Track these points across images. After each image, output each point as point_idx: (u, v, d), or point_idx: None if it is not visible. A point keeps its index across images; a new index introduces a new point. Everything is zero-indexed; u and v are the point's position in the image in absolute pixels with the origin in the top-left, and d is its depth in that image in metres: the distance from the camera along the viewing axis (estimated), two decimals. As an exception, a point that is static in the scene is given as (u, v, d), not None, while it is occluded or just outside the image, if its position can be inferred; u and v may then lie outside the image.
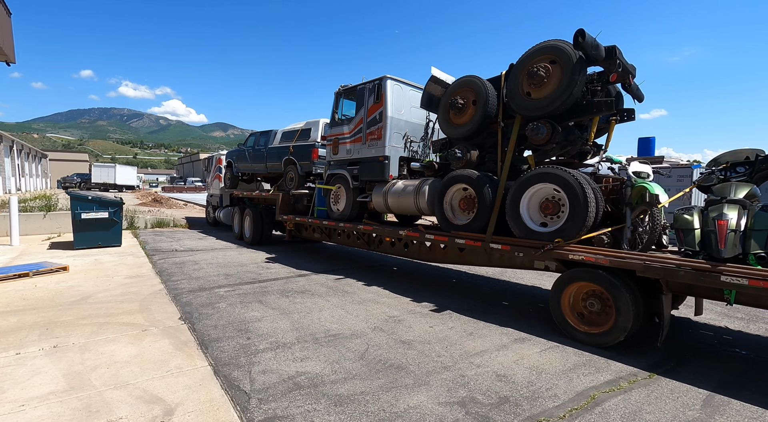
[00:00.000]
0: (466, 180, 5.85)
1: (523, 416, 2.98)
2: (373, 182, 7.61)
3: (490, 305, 5.91)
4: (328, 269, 8.19)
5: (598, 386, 3.48)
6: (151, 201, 25.72)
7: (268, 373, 3.54)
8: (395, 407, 3.06)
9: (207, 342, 4.20)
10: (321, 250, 11.06)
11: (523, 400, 3.20)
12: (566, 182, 4.73)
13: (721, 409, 3.15)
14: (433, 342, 4.35)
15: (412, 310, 5.52)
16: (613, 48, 4.98)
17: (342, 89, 8.22)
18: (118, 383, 3.31)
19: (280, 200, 10.23)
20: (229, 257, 9.26)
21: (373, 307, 5.60)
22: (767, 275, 3.37)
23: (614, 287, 4.19)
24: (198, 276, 7.20)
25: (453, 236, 5.90)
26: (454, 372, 3.66)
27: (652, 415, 3.03)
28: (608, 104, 5.07)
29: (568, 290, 4.61)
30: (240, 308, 5.36)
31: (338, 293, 6.31)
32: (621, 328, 4.13)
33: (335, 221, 8.26)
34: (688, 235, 4.03)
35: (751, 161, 4.52)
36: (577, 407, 3.12)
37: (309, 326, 4.75)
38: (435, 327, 4.87)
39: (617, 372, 3.78)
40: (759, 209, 3.84)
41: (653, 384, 3.55)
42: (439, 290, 6.77)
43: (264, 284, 6.77)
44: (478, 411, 3.02)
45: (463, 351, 4.16)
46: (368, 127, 7.52)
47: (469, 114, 6.12)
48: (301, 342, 4.25)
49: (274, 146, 11.30)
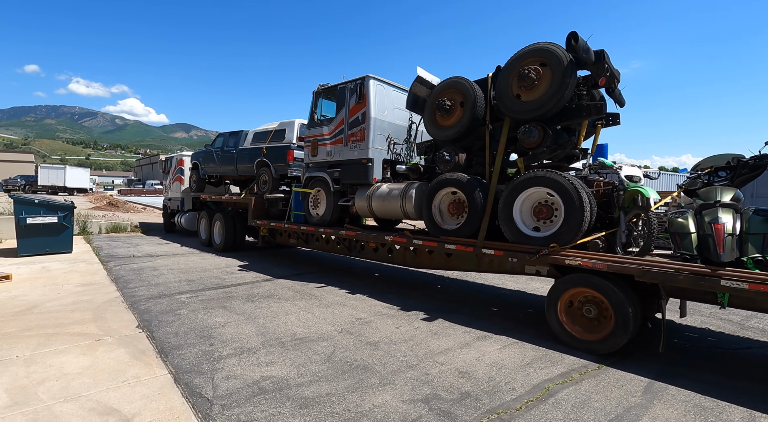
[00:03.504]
0: (455, 184, 5.67)
1: (483, 410, 3.13)
2: (356, 186, 7.30)
3: (455, 306, 6.06)
4: (296, 273, 8.11)
5: (552, 378, 3.70)
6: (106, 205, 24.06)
7: (231, 379, 3.50)
8: (360, 407, 3.12)
9: (167, 350, 4.07)
10: (290, 255, 10.70)
11: (484, 395, 3.36)
12: (561, 186, 4.64)
13: (659, 395, 3.45)
14: (399, 343, 4.44)
15: (380, 312, 5.57)
16: (602, 52, 4.98)
17: (321, 88, 7.88)
18: (69, 395, 3.16)
19: (253, 204, 9.70)
20: (192, 263, 8.91)
21: (341, 310, 5.62)
22: (766, 279, 3.38)
23: (612, 292, 4.12)
24: (158, 283, 6.90)
25: (443, 241, 5.70)
26: (419, 370, 3.76)
27: (599, 403, 3.27)
28: (598, 108, 5.05)
29: (564, 296, 4.51)
30: (203, 315, 5.22)
31: (305, 296, 6.26)
32: (620, 335, 4.06)
33: (314, 226, 7.87)
34: (685, 239, 4.03)
35: (733, 166, 4.61)
36: (533, 399, 3.32)
37: (275, 330, 4.72)
38: (401, 327, 4.95)
39: (570, 364, 4.02)
40: (752, 213, 3.88)
41: (601, 375, 3.81)
42: (407, 292, 6.86)
43: (229, 289, 6.61)
44: (440, 407, 3.13)
45: (428, 350, 4.28)
46: (350, 128, 7.22)
47: (456, 116, 5.97)
48: (266, 347, 4.21)
49: (245, 147, 10.74)
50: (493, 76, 5.85)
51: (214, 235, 11.05)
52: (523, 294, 7.05)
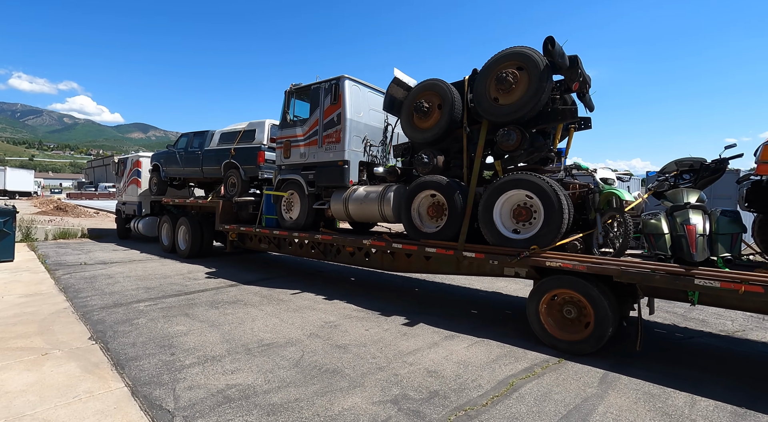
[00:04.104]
0: (435, 186, 5.63)
1: (450, 407, 3.20)
2: (331, 188, 7.12)
3: (424, 307, 6.14)
4: (264, 278, 7.93)
5: (516, 373, 3.85)
6: (53, 209, 22.34)
7: (195, 389, 3.39)
8: (330, 410, 3.11)
9: (123, 362, 3.89)
10: (259, 260, 10.39)
11: (451, 392, 3.43)
12: (541, 188, 4.70)
13: (613, 384, 3.68)
14: (369, 345, 4.46)
15: (349, 315, 5.56)
16: (576, 58, 5.09)
17: (293, 88, 7.63)
18: (11, 416, 2.93)
19: (221, 207, 9.26)
20: (151, 269, 8.48)
21: (310, 314, 5.56)
22: (736, 278, 3.54)
23: (592, 293, 4.20)
24: (113, 291, 6.56)
25: (423, 244, 5.63)
26: (388, 371, 3.80)
27: (560, 395, 3.45)
28: (572, 112, 5.17)
29: (545, 298, 4.55)
30: (163, 323, 5.04)
31: (273, 301, 6.14)
32: (600, 334, 4.14)
33: (288, 230, 7.60)
34: (659, 240, 4.17)
35: (696, 169, 4.85)
36: (498, 394, 3.44)
37: (241, 337, 4.61)
38: (371, 329, 4.97)
39: (533, 360, 4.19)
40: (719, 214, 4.07)
41: (562, 368, 4.00)
42: (377, 294, 6.87)
43: (191, 296, 6.39)
44: (409, 407, 3.18)
45: (397, 350, 4.32)
46: (325, 129, 7.03)
47: (434, 118, 5.94)
48: (231, 354, 4.10)
49: (211, 148, 10.26)
50: (469, 79, 5.86)
51: (178, 241, 10.47)
52: (490, 294, 7.22)
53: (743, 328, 5.57)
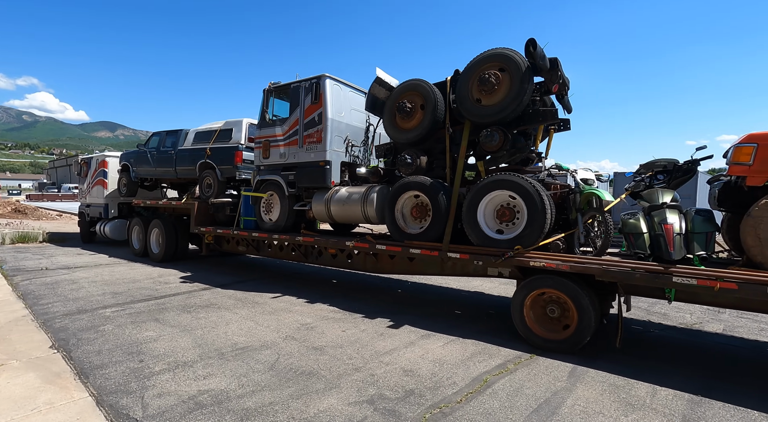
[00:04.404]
0: (419, 187, 5.60)
1: (426, 405, 3.24)
2: (312, 189, 6.98)
3: (401, 307, 6.18)
4: (239, 281, 7.80)
5: (490, 370, 3.94)
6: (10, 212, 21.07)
7: (164, 396, 3.30)
8: (305, 413, 3.09)
9: (88, 371, 3.75)
10: (234, 262, 10.14)
11: (427, 391, 3.47)
12: (524, 189, 4.74)
13: (581, 378, 3.82)
14: (346, 346, 4.45)
15: (326, 316, 5.53)
16: (556, 60, 5.17)
17: (272, 87, 7.45)
18: None
19: (196, 209, 8.95)
20: (119, 274, 8.17)
21: (286, 316, 5.49)
22: (712, 275, 3.67)
23: (575, 292, 4.26)
24: (77, 297, 6.29)
25: (407, 245, 5.59)
26: (365, 372, 3.80)
27: (531, 389, 3.56)
28: (553, 114, 5.25)
29: (529, 298, 4.59)
30: (131, 329, 4.88)
31: (248, 304, 6.05)
32: (584, 332, 4.21)
33: (267, 232, 7.41)
34: (638, 239, 4.27)
35: (669, 170, 5.01)
36: (472, 391, 3.51)
37: (214, 341, 4.52)
38: (348, 330, 4.97)
39: (506, 356, 4.30)
40: (694, 213, 4.21)
41: (533, 364, 4.11)
42: (353, 295, 6.85)
43: (162, 300, 6.22)
44: (385, 406, 3.20)
45: (374, 351, 4.33)
46: (305, 129, 6.88)
47: (417, 119, 5.91)
48: (204, 359, 4.02)
49: (185, 147, 9.90)
50: (452, 80, 5.87)
51: (150, 244, 10.04)
52: (466, 293, 7.30)
53: (700, 321, 5.89)
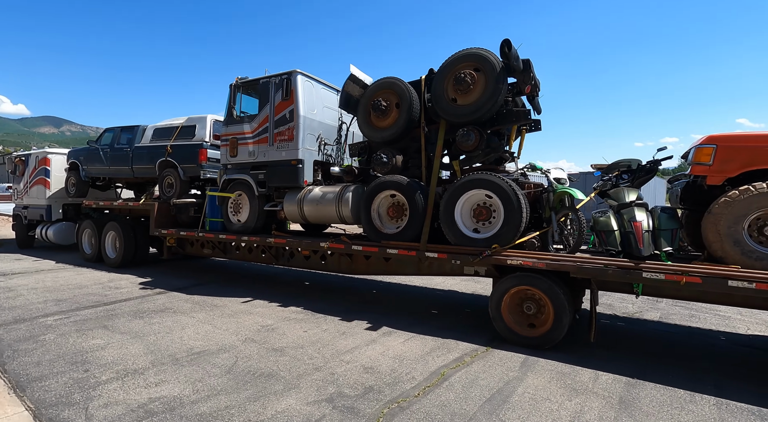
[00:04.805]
0: (395, 186, 5.54)
1: (384, 401, 3.30)
2: (284, 189, 6.74)
3: (365, 305, 6.23)
4: (197, 284, 7.61)
5: (447, 364, 4.06)
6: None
7: (111, 406, 3.17)
8: (262, 415, 3.06)
9: (25, 383, 3.54)
10: (193, 266, 9.70)
11: (386, 387, 3.54)
12: (500, 188, 4.79)
13: (532, 367, 4.03)
14: (306, 346, 4.44)
15: (287, 317, 5.49)
16: (528, 61, 5.27)
17: (240, 82, 7.13)
18: None
19: (156, 210, 8.43)
20: (63, 280, 7.65)
21: (246, 318, 5.42)
22: (678, 270, 3.86)
23: (551, 289, 4.36)
24: (13, 306, 5.89)
25: (384, 246, 5.51)
26: (325, 371, 3.81)
27: (485, 380, 3.71)
28: (525, 114, 5.35)
29: (507, 296, 4.65)
30: (76, 338, 4.62)
31: (206, 308, 5.89)
32: (560, 328, 4.31)
33: (236, 233, 7.09)
34: (610, 236, 4.43)
35: (633, 170, 5.25)
36: (430, 384, 3.61)
37: (168, 347, 4.38)
38: (309, 330, 4.95)
39: (463, 350, 4.43)
40: (660, 211, 4.42)
41: (488, 356, 4.29)
42: (317, 295, 6.86)
43: (111, 306, 5.93)
44: (344, 404, 3.23)
45: (335, 350, 4.34)
46: (276, 126, 6.64)
47: (392, 117, 5.85)
48: (156, 366, 3.89)
49: (143, 145, 9.31)
50: (426, 79, 5.86)
51: (105, 248, 9.36)
52: (428, 290, 7.42)
53: (641, 310, 6.35)
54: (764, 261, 3.74)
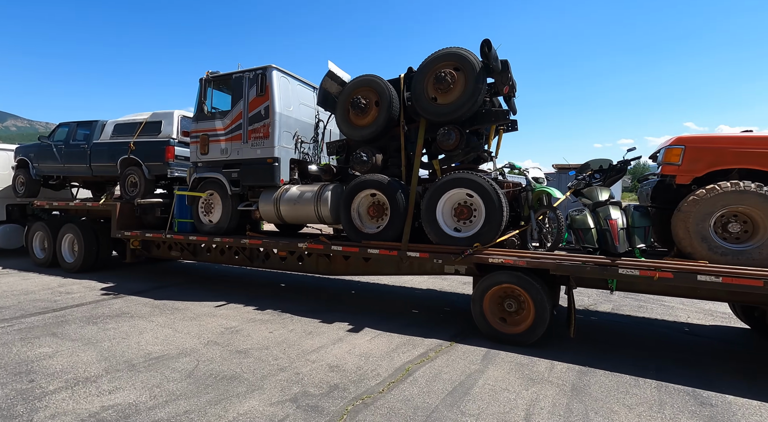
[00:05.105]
0: (376, 185, 5.47)
1: (349, 398, 3.32)
2: (259, 188, 6.51)
3: (331, 304, 6.25)
4: (158, 286, 7.31)
5: (413, 359, 4.14)
6: None
7: (59, 416, 3.02)
8: (223, 418, 3.02)
9: None
10: (153, 268, 9.23)
11: (351, 384, 3.56)
12: (482, 187, 4.83)
13: (493, 360, 4.18)
14: (272, 347, 4.40)
15: (253, 318, 5.41)
16: (507, 62, 5.35)
17: (210, 76, 6.82)
18: None
19: (118, 211, 7.92)
20: (6, 285, 7.19)
21: (209, 321, 5.29)
22: (652, 266, 4.02)
23: (532, 286, 4.44)
24: None
25: (365, 246, 5.43)
26: (290, 371, 3.79)
27: (448, 374, 3.81)
28: (504, 114, 5.42)
29: (488, 294, 4.69)
30: (20, 347, 4.36)
31: (166, 311, 5.71)
32: (540, 324, 4.40)
33: (208, 235, 6.78)
34: (587, 234, 4.56)
35: (605, 169, 5.44)
36: (395, 380, 3.67)
37: (124, 353, 4.22)
38: (275, 331, 4.91)
39: (428, 345, 4.54)
40: (633, 209, 4.60)
41: (452, 350, 4.41)
42: (284, 295, 6.80)
43: (61, 313, 5.61)
44: (308, 403, 3.23)
45: (301, 350, 4.32)
46: (250, 123, 6.40)
47: (372, 115, 5.77)
48: (110, 373, 3.73)
49: (102, 141, 8.73)
50: (405, 77, 5.83)
51: (62, 252, 8.69)
52: (395, 287, 7.50)
53: (595, 302, 6.69)
54: (728, 256, 3.96)
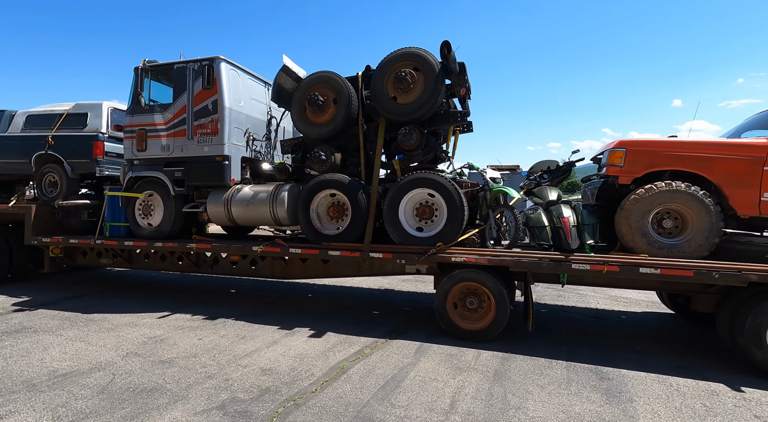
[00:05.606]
0: (336, 185, 5.31)
1: (280, 400, 3.28)
2: (207, 188, 6.05)
3: (268, 307, 6.08)
4: (71, 297, 6.63)
5: (348, 357, 4.17)
6: None
7: None
8: None
9: None
10: (65, 278, 8.28)
11: (283, 386, 3.52)
12: (444, 187, 4.88)
13: (425, 353, 4.33)
14: (200, 354, 4.23)
15: (181, 326, 5.15)
16: (463, 64, 5.47)
17: (148, 66, 6.21)
18: None
19: (34, 214, 6.95)
20: None
21: (129, 331, 4.96)
22: (601, 261, 4.31)
23: (493, 283, 4.57)
24: None
25: (326, 247, 5.25)
26: (219, 378, 3.67)
27: (381, 369, 3.89)
28: (463, 115, 5.55)
29: (452, 293, 4.76)
30: None
31: (78, 324, 5.23)
32: (502, 320, 4.54)
33: (147, 239, 6.16)
34: (542, 231, 4.79)
35: (552, 170, 5.78)
36: (328, 379, 3.68)
37: (23, 372, 3.80)
38: (205, 338, 4.71)
39: (364, 343, 4.59)
40: (582, 207, 4.91)
41: (387, 346, 4.50)
42: (216, 299, 6.54)
43: None
44: (237, 409, 3.14)
45: (233, 355, 4.21)
46: (196, 118, 5.91)
47: (330, 113, 5.60)
48: (4, 395, 3.37)
49: (12, 134, 7.63)
50: (363, 75, 5.74)
51: (-43, 262, 7.45)
52: (334, 287, 7.56)
53: (519, 295, 7.10)
54: (664, 250, 4.37)
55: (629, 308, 6.50)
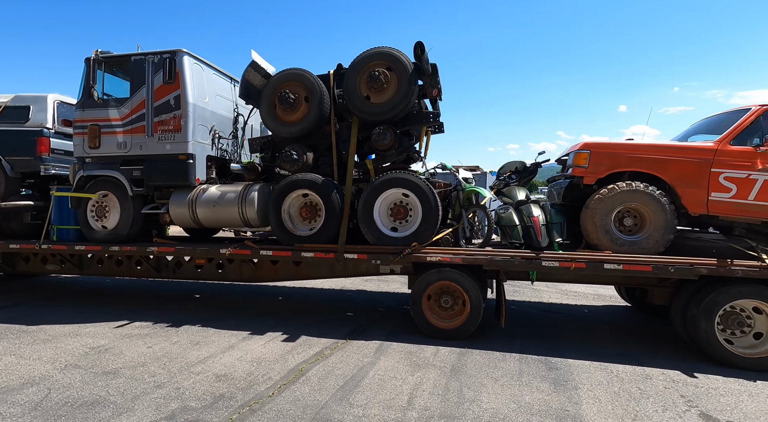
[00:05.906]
0: (309, 185, 5.19)
1: (235, 406, 3.19)
2: (169, 188, 5.71)
3: (228, 311, 5.92)
4: (1, 306, 6.11)
5: (307, 359, 4.13)
6: None
7: None
8: None
9: None
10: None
11: (239, 392, 3.43)
12: (419, 187, 4.90)
13: (385, 351, 4.37)
14: (149, 363, 4.04)
15: (129, 334, 4.91)
16: (435, 66, 5.52)
17: (101, 57, 5.77)
18: None
19: (-34, 217, 6.28)
20: None
21: (69, 342, 4.64)
22: (569, 258, 4.50)
23: (468, 282, 4.64)
24: None
25: (298, 249, 5.11)
26: (169, 387, 3.53)
27: (341, 370, 3.89)
28: (436, 116, 5.60)
29: (427, 292, 4.79)
30: None
31: (8, 336, 4.85)
32: (476, 317, 4.63)
33: (102, 243, 5.72)
34: (513, 230, 4.93)
35: (520, 170, 5.98)
36: (287, 382, 3.62)
37: None
38: (155, 345, 4.51)
39: (324, 344, 4.57)
40: (550, 207, 5.10)
41: (347, 347, 4.50)
42: (169, 305, 6.29)
43: None
44: (187, 418, 3.03)
45: (185, 362, 4.06)
46: (156, 114, 5.57)
47: (301, 111, 5.47)
48: None
49: (-62, 128, 6.83)
50: (335, 74, 5.66)
51: None
52: (295, 289, 7.50)
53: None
54: (625, 246, 4.62)
55: (579, 302, 6.87)
